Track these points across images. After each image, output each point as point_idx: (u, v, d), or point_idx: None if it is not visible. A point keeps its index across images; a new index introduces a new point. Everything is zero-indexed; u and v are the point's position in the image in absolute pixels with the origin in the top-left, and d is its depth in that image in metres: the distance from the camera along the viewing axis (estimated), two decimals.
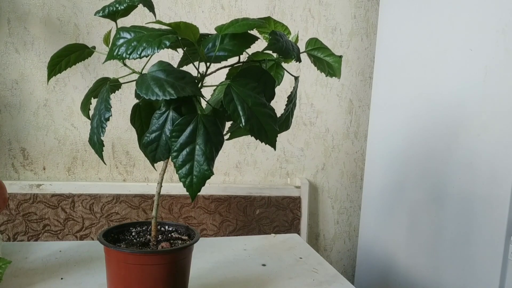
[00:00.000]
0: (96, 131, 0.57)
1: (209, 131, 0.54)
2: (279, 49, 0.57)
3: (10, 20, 1.14)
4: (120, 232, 0.69)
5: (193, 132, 0.54)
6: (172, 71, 0.55)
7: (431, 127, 1.08)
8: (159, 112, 0.57)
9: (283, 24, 0.64)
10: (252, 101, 0.55)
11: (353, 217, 1.47)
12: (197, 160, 0.54)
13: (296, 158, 1.39)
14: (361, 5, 1.37)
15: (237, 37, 0.57)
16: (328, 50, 0.64)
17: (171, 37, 0.52)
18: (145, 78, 0.54)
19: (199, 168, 0.53)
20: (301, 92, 1.36)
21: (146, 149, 0.57)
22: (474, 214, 0.95)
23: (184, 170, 0.54)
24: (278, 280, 0.83)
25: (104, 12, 0.58)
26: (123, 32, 0.54)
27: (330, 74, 0.63)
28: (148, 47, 0.51)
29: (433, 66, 1.08)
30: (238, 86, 0.55)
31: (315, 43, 0.65)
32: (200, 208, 1.26)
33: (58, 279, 0.79)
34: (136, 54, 0.52)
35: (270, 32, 0.58)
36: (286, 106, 0.65)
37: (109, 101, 0.57)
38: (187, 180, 0.54)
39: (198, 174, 0.53)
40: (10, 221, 1.15)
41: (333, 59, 0.64)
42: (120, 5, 0.57)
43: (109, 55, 0.53)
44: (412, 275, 1.15)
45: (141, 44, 0.52)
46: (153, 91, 0.52)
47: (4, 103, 1.17)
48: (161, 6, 1.22)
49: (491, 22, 0.92)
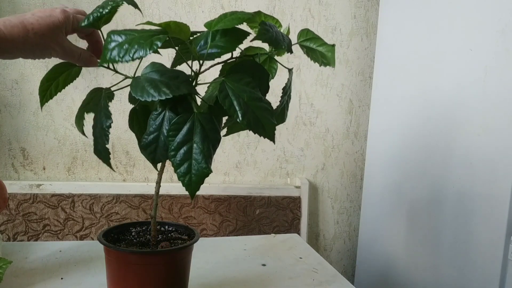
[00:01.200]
0: (100, 140, 0.57)
1: (206, 129, 0.54)
2: (269, 39, 0.56)
3: None
4: (120, 232, 0.69)
5: (190, 130, 0.54)
6: (165, 71, 0.55)
7: (431, 127, 1.08)
8: (155, 113, 0.56)
9: (274, 17, 0.63)
10: (247, 96, 0.54)
11: (353, 217, 1.47)
12: (195, 159, 0.53)
13: (296, 158, 1.39)
14: (361, 5, 1.37)
15: (228, 33, 0.56)
16: (320, 40, 0.64)
17: (162, 37, 0.51)
18: (139, 80, 0.54)
19: (197, 166, 0.53)
20: (301, 92, 1.36)
21: (146, 151, 0.57)
22: (474, 214, 0.95)
23: (182, 168, 0.53)
24: (278, 280, 0.83)
25: (88, 21, 0.57)
26: (114, 35, 0.53)
27: (324, 63, 0.63)
28: (140, 49, 0.51)
29: (433, 66, 1.08)
30: (232, 82, 0.55)
31: (307, 34, 0.64)
32: (200, 208, 1.26)
33: (58, 279, 0.79)
34: (129, 56, 0.51)
35: (260, 23, 0.57)
36: (281, 98, 0.64)
37: (108, 108, 0.56)
38: (185, 178, 0.53)
39: (197, 172, 0.53)
40: (10, 221, 1.15)
41: (326, 48, 0.63)
42: (104, 9, 0.57)
43: (102, 59, 0.52)
44: (412, 275, 1.15)
45: (132, 46, 0.51)
46: (149, 92, 0.52)
47: (4, 103, 1.17)
48: (161, 6, 1.22)
49: (491, 22, 0.92)
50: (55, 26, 0.58)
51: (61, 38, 0.59)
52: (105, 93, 0.58)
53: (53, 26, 0.58)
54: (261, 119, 0.55)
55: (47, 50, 0.59)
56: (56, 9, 0.59)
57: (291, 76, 0.65)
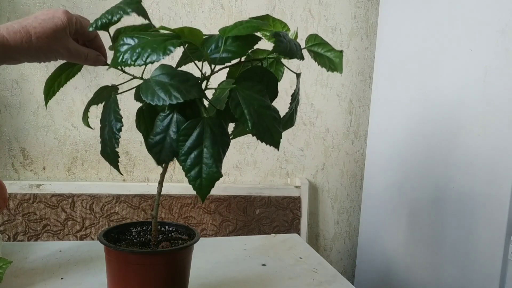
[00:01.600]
0: (109, 143, 0.57)
1: (216, 133, 0.54)
2: (284, 51, 0.57)
3: (10, 20, 1.14)
4: (120, 232, 0.69)
5: (200, 135, 0.54)
6: (175, 74, 0.54)
7: (431, 127, 1.08)
8: (163, 115, 0.56)
9: (282, 21, 0.64)
10: (257, 104, 0.55)
11: (353, 217, 1.47)
12: (206, 163, 0.54)
13: (296, 158, 1.39)
14: (361, 5, 1.37)
15: (239, 38, 0.57)
16: (328, 46, 0.64)
17: (176, 42, 0.52)
18: (149, 83, 0.54)
19: (208, 170, 0.54)
20: (301, 92, 1.36)
21: (151, 151, 0.57)
22: (474, 214, 0.95)
23: (193, 173, 0.54)
24: (278, 280, 0.83)
25: (97, 25, 0.57)
26: (126, 38, 0.53)
27: (331, 69, 0.63)
28: (153, 53, 0.51)
29: (433, 66, 1.08)
30: (244, 89, 0.55)
31: (315, 39, 0.65)
32: (200, 208, 1.26)
33: (58, 279, 0.79)
34: (141, 60, 0.51)
35: (274, 33, 0.58)
36: (290, 104, 0.65)
37: (118, 112, 0.56)
38: (196, 182, 0.54)
39: (207, 176, 0.54)
40: (10, 221, 1.15)
41: (334, 54, 0.64)
42: (114, 16, 0.57)
43: (113, 61, 0.52)
44: (412, 275, 1.15)
45: (145, 50, 0.51)
46: (159, 96, 0.52)
47: (4, 103, 1.17)
48: (161, 6, 1.22)
49: (491, 22, 0.92)
50: (58, 28, 0.57)
51: (66, 40, 0.59)
52: (115, 95, 0.58)
53: (56, 28, 0.57)
54: (270, 128, 0.55)
55: (52, 53, 0.59)
56: (59, 10, 0.59)
57: (298, 81, 0.66)
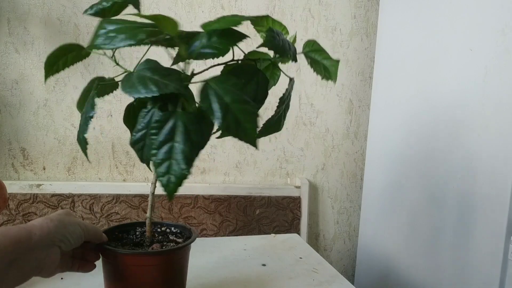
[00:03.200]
0: (81, 128, 0.57)
1: (190, 130, 0.52)
2: (275, 46, 0.55)
3: (10, 20, 1.14)
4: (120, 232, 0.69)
5: (172, 130, 0.52)
6: (158, 69, 0.54)
7: (431, 127, 1.08)
8: (145, 111, 0.55)
9: (281, 24, 0.64)
10: (231, 98, 0.52)
11: (353, 217, 1.47)
12: (175, 159, 0.51)
13: (296, 158, 1.38)
14: (361, 5, 1.37)
15: (224, 35, 0.55)
16: (325, 53, 0.64)
17: (148, 30, 0.51)
18: (130, 76, 0.53)
19: (177, 167, 0.51)
20: (301, 92, 1.36)
21: (134, 148, 0.56)
22: (474, 214, 0.95)
23: (162, 168, 0.51)
24: (278, 280, 0.83)
25: (92, 10, 0.58)
26: (106, 24, 0.53)
27: (326, 77, 0.63)
28: (126, 40, 0.50)
29: (433, 66, 1.08)
30: (216, 82, 0.53)
31: (313, 45, 0.64)
32: (200, 208, 1.26)
33: (58, 279, 0.79)
34: (111, 45, 0.50)
35: (267, 29, 0.57)
36: (277, 108, 0.63)
37: (94, 100, 0.56)
38: (164, 179, 0.51)
39: (176, 174, 0.51)
40: (10, 221, 1.15)
41: (330, 62, 0.63)
42: (107, 3, 0.57)
43: (90, 45, 0.52)
44: (412, 275, 1.15)
45: (118, 36, 0.51)
46: (137, 89, 0.51)
47: (4, 103, 1.17)
48: (161, 6, 1.22)
49: (491, 22, 0.92)
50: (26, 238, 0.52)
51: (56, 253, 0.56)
52: (97, 84, 0.58)
53: None
54: (243, 123, 0.52)
55: None
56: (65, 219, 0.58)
57: (290, 86, 0.65)
